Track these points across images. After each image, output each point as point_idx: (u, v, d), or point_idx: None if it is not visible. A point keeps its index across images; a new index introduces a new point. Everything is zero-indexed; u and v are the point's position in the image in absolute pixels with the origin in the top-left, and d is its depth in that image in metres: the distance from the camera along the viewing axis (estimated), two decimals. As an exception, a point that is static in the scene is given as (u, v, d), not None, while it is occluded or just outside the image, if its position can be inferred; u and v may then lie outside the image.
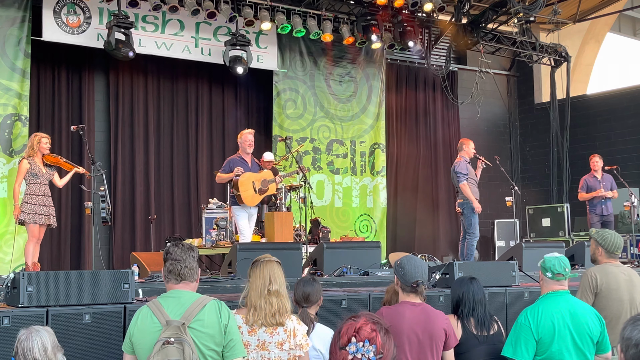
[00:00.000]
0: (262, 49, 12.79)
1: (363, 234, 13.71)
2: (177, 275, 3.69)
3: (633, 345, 2.47)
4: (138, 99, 12.14)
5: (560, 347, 4.36)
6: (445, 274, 6.46)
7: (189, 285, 3.72)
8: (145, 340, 3.57)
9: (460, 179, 10.14)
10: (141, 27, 11.54)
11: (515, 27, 14.94)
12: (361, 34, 13.27)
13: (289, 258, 7.08)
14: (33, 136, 8.81)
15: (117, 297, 4.93)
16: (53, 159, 8.71)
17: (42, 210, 8.43)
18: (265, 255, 4.10)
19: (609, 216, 11.53)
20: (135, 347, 3.64)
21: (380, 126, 14.26)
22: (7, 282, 4.90)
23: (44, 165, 8.61)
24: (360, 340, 2.66)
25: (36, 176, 8.47)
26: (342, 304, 5.76)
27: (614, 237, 5.35)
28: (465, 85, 15.41)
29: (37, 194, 8.44)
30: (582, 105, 15.59)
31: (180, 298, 3.65)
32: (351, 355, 2.66)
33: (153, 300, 3.73)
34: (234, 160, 9.38)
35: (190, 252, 3.74)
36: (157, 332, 3.52)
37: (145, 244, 11.52)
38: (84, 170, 9.00)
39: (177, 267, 3.68)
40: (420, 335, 4.20)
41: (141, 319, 3.66)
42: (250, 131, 9.70)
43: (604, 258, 5.35)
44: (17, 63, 10.66)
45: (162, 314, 3.57)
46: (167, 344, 3.44)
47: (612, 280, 5.20)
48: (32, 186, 8.45)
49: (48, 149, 8.68)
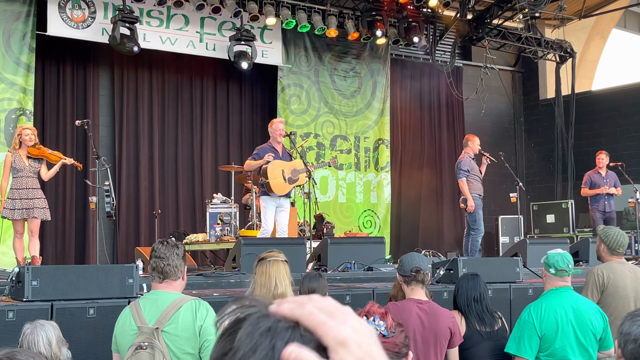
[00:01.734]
0: (266, 44, 12.79)
1: (367, 230, 13.70)
2: (160, 272, 3.61)
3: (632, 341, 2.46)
4: (142, 93, 12.14)
5: (564, 344, 4.36)
6: (450, 270, 6.46)
7: (171, 285, 3.63)
8: (124, 341, 3.57)
9: (459, 176, 10.14)
10: (146, 22, 11.53)
11: (520, 23, 14.90)
12: (366, 30, 13.24)
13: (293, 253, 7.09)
14: (17, 129, 8.71)
15: (122, 292, 4.96)
16: (37, 152, 8.46)
17: (21, 204, 8.22)
18: (272, 253, 4.04)
19: (612, 213, 11.49)
20: (119, 347, 3.65)
21: (385, 122, 14.25)
22: (12, 276, 4.92)
23: (28, 158, 8.40)
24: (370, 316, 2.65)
25: (17, 170, 8.30)
26: (346, 299, 5.77)
27: (617, 235, 5.34)
28: (470, 81, 15.39)
29: (19, 188, 8.27)
30: (587, 101, 15.55)
31: (157, 300, 3.59)
32: None
33: (135, 301, 3.71)
34: (264, 148, 9.01)
35: (175, 250, 3.65)
36: (133, 335, 3.51)
37: (150, 239, 11.53)
38: (72, 161, 8.72)
39: (159, 264, 3.61)
40: (425, 332, 4.21)
41: (122, 320, 3.66)
42: (282, 120, 9.49)
43: (608, 255, 5.35)
44: (22, 58, 10.67)
45: (140, 316, 3.54)
46: (140, 349, 3.42)
47: (618, 277, 5.20)
48: (15, 180, 8.30)
49: (33, 142, 8.41)
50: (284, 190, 8.93)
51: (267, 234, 8.88)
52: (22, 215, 8.26)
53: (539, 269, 6.56)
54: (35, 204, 8.35)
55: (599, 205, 11.51)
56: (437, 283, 6.42)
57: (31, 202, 8.32)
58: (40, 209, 8.41)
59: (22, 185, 8.31)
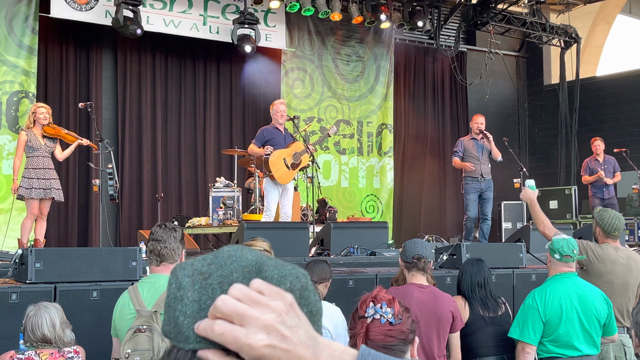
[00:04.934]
0: (270, 27, 12.73)
1: (369, 215, 13.70)
2: (157, 255, 3.63)
3: None
4: (146, 76, 12.10)
5: (568, 329, 4.35)
6: (453, 255, 6.46)
7: (168, 268, 3.62)
8: (123, 325, 3.57)
9: (453, 155, 10.26)
10: (149, 5, 11.48)
11: (525, 8, 14.83)
12: (370, 13, 13.16)
13: (296, 238, 7.09)
14: (31, 107, 8.60)
15: (125, 274, 4.96)
16: (53, 131, 8.32)
17: (39, 184, 8.08)
18: (254, 241, 4.05)
19: (612, 199, 11.47)
20: (117, 331, 3.66)
21: (388, 107, 14.21)
22: (15, 258, 4.92)
23: (43, 138, 8.27)
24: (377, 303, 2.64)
25: (33, 149, 8.15)
26: (349, 284, 5.77)
27: (612, 217, 5.22)
28: (474, 66, 15.33)
29: (35, 167, 8.11)
30: (592, 87, 15.50)
31: (155, 283, 3.59)
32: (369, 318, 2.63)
33: (134, 284, 3.72)
34: (267, 130, 8.99)
35: (172, 233, 3.66)
36: (131, 318, 3.52)
37: (152, 222, 11.51)
38: (88, 142, 8.59)
39: (157, 247, 3.63)
40: (427, 316, 4.20)
41: (121, 304, 3.67)
42: (282, 101, 9.43)
43: (603, 238, 5.27)
44: (25, 40, 10.63)
45: (138, 300, 3.54)
46: (139, 332, 3.42)
47: (607, 261, 5.10)
48: (31, 159, 8.14)
49: (47, 121, 8.28)
50: (289, 178, 8.96)
51: (270, 218, 8.87)
52: (39, 195, 8.10)
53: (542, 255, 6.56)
54: (52, 184, 8.23)
55: (597, 193, 11.51)
56: (440, 268, 6.42)
57: (48, 183, 8.18)
58: (57, 190, 8.30)
59: (38, 165, 8.15)
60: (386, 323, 2.57)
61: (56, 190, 8.29)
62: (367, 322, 2.59)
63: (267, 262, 0.94)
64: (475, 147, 10.14)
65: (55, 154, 8.47)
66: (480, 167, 10.11)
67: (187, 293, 0.92)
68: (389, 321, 2.58)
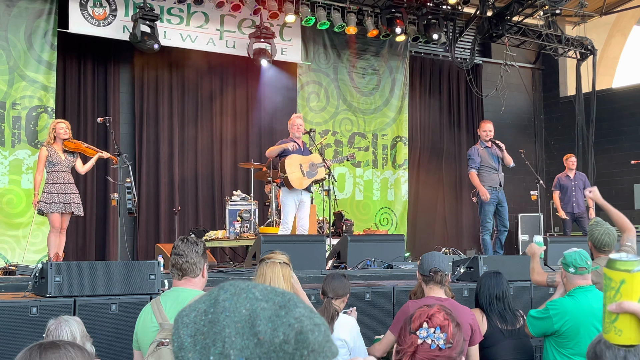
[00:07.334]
0: (286, 41, 12.80)
1: (384, 227, 13.69)
2: (178, 269, 3.62)
3: None
4: (163, 91, 12.20)
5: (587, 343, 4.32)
6: (470, 268, 6.45)
7: (190, 282, 3.63)
8: (145, 338, 3.57)
9: (468, 167, 9.97)
10: (166, 20, 11.59)
11: (540, 20, 14.81)
12: (385, 27, 13.20)
13: (313, 250, 7.10)
14: (51, 123, 8.73)
15: (144, 288, 4.98)
16: (73, 145, 8.48)
17: (59, 199, 8.23)
18: (273, 254, 4.04)
19: (581, 213, 11.31)
20: (140, 344, 3.66)
21: (403, 119, 14.22)
22: (35, 272, 4.96)
23: (64, 152, 8.43)
24: (432, 326, 2.64)
25: (53, 164, 8.30)
26: (366, 297, 5.77)
27: (601, 233, 5.07)
28: (490, 78, 15.32)
29: (55, 182, 8.27)
30: (608, 98, 15.43)
31: (178, 296, 3.59)
32: (421, 340, 2.63)
33: (156, 297, 3.72)
34: (285, 140, 9.21)
35: (194, 247, 3.65)
36: (154, 331, 3.51)
37: (170, 236, 11.59)
38: (108, 155, 8.75)
39: (178, 261, 3.62)
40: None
41: (143, 317, 3.67)
42: (299, 115, 9.63)
43: (595, 252, 5.13)
44: (44, 55, 10.76)
45: (161, 313, 3.54)
46: (162, 346, 3.42)
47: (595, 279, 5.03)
48: (51, 174, 8.30)
49: (67, 135, 8.44)
50: (303, 184, 8.97)
51: (287, 230, 8.89)
52: (59, 210, 8.24)
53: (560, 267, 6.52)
54: (72, 198, 8.37)
55: (567, 207, 11.38)
56: (457, 281, 6.41)
57: (68, 197, 8.33)
58: (77, 204, 8.45)
59: (58, 180, 8.30)
60: (436, 349, 2.59)
61: (76, 205, 8.42)
62: (418, 344, 2.60)
63: (260, 315, 0.96)
64: (490, 156, 9.99)
65: (77, 168, 8.63)
66: (498, 176, 9.96)
67: (188, 354, 0.96)
68: (439, 346, 2.59)
